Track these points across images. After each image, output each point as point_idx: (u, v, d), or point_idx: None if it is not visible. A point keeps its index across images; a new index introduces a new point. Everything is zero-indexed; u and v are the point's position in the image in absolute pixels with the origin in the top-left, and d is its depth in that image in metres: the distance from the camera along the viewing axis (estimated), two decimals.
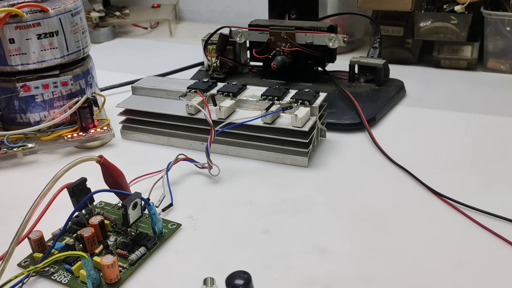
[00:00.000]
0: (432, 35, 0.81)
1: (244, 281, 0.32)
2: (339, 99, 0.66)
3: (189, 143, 0.59)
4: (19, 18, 0.57)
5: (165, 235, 0.43)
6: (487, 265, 0.39)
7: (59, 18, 0.59)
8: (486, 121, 0.63)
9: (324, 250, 0.41)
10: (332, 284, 0.38)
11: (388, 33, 0.83)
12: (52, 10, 0.59)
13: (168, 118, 0.59)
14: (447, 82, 0.77)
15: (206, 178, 0.53)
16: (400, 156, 0.54)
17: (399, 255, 0.40)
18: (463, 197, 0.46)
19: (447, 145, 0.57)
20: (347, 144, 0.58)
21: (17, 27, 0.57)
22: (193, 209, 0.47)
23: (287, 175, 0.53)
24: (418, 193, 0.48)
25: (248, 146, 0.56)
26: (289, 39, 0.68)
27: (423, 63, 0.85)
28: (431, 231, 0.43)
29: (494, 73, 0.79)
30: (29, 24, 0.57)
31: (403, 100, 0.70)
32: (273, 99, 0.55)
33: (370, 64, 0.70)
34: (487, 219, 0.43)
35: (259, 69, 0.76)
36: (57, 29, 0.59)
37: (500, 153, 0.55)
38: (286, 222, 0.45)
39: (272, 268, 0.39)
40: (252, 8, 0.97)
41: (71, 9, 0.61)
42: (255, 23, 0.71)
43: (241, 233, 0.44)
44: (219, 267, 0.40)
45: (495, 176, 0.51)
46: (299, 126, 0.52)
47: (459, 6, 0.77)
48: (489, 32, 0.77)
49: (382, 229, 0.43)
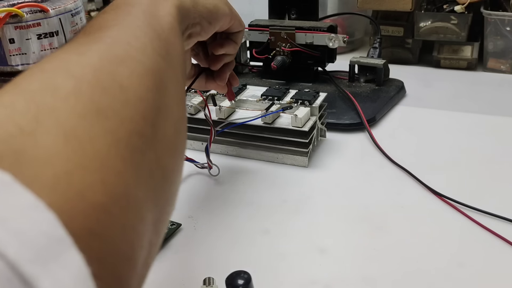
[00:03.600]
0: (432, 35, 0.81)
1: (244, 281, 0.32)
2: (339, 99, 0.66)
3: (189, 143, 0.59)
4: (19, 18, 0.57)
5: (165, 235, 0.43)
6: (487, 265, 0.39)
7: (59, 18, 0.59)
8: (486, 121, 0.63)
9: (324, 250, 0.41)
10: (332, 284, 0.37)
11: (388, 33, 0.83)
12: (52, 10, 0.59)
13: None
14: (447, 82, 0.77)
15: (206, 178, 0.53)
16: (400, 156, 0.54)
17: (399, 255, 0.40)
18: (463, 197, 0.46)
19: (447, 145, 0.57)
20: (347, 144, 0.58)
21: (17, 27, 0.57)
22: (193, 209, 0.47)
23: (287, 175, 0.53)
24: (418, 193, 0.48)
25: (248, 146, 0.56)
26: (289, 39, 0.68)
27: (423, 63, 0.85)
28: (431, 231, 0.43)
29: (494, 73, 0.79)
30: (29, 24, 0.57)
31: (403, 100, 0.70)
32: (273, 99, 0.55)
33: (370, 64, 0.69)
34: (487, 219, 0.43)
35: (259, 69, 0.76)
36: (57, 29, 0.59)
37: (500, 153, 0.55)
38: (286, 222, 0.45)
39: (272, 268, 0.39)
40: (252, 8, 0.97)
41: (71, 9, 0.61)
42: (255, 23, 0.71)
43: (241, 233, 0.44)
44: (219, 267, 0.39)
45: (495, 176, 0.51)
46: (299, 126, 0.52)
47: (459, 6, 0.77)
48: (489, 32, 0.77)
49: (382, 229, 0.43)
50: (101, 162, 0.18)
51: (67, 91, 0.19)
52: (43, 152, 0.17)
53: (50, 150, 0.17)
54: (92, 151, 0.18)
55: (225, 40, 0.45)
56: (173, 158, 0.25)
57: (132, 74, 0.23)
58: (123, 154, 0.19)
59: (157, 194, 0.22)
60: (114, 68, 0.22)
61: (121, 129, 0.20)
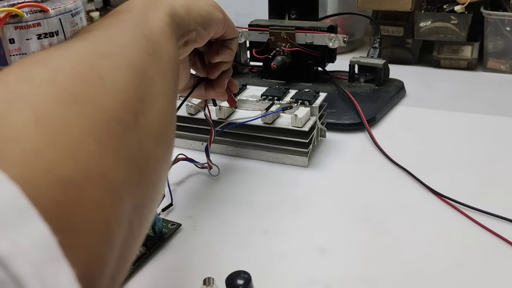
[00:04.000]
0: (432, 35, 0.81)
1: (244, 281, 0.32)
2: (339, 99, 0.66)
3: (189, 143, 0.59)
4: (19, 18, 0.57)
5: (165, 235, 0.43)
6: (487, 265, 0.39)
7: (59, 18, 0.59)
8: (486, 121, 0.63)
9: (324, 250, 0.41)
10: (332, 284, 0.38)
11: (388, 33, 0.83)
12: (52, 10, 0.59)
13: None
14: (447, 82, 0.77)
15: (206, 178, 0.53)
16: (400, 156, 0.54)
17: (399, 255, 0.40)
18: (463, 197, 0.46)
19: (447, 145, 0.57)
20: (347, 144, 0.58)
21: (17, 27, 0.57)
22: (193, 209, 0.47)
23: (287, 175, 0.53)
24: (418, 193, 0.48)
25: (248, 146, 0.56)
26: (289, 39, 0.68)
27: (423, 63, 0.85)
28: (431, 231, 0.43)
29: (494, 73, 0.79)
30: (29, 24, 0.57)
31: (403, 100, 0.70)
32: (273, 99, 0.55)
33: (370, 64, 0.69)
34: (487, 219, 0.43)
35: (259, 69, 0.76)
36: (57, 29, 0.59)
37: (500, 153, 0.55)
38: (286, 222, 0.45)
39: (272, 268, 0.39)
40: (252, 8, 0.97)
41: (71, 9, 0.61)
42: (255, 23, 0.71)
43: (241, 233, 0.44)
44: (219, 267, 0.39)
45: (495, 176, 0.51)
46: (299, 126, 0.52)
47: (459, 6, 0.77)
48: (489, 32, 0.77)
49: (382, 229, 0.43)
50: (72, 142, 0.18)
51: (42, 80, 0.20)
52: (11, 131, 0.17)
53: (19, 130, 0.17)
54: (64, 133, 0.18)
55: (221, 47, 0.45)
56: (158, 147, 0.25)
57: (113, 67, 0.24)
58: (99, 137, 0.20)
59: (140, 180, 0.23)
60: (94, 61, 0.23)
61: (98, 115, 0.20)
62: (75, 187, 0.18)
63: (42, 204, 0.16)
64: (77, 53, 0.23)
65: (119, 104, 0.22)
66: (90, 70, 0.22)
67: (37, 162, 0.17)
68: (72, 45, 0.24)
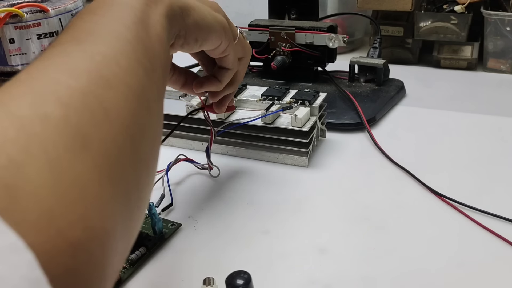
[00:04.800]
0: (432, 35, 0.81)
1: (244, 281, 0.32)
2: (339, 99, 0.66)
3: (189, 143, 0.59)
4: (19, 18, 0.57)
5: (165, 235, 0.43)
6: (487, 265, 0.39)
7: (59, 18, 0.59)
8: (486, 121, 0.63)
9: (324, 250, 0.41)
10: (332, 284, 0.38)
11: (388, 33, 0.83)
12: (52, 10, 0.59)
13: (168, 118, 0.59)
14: (447, 82, 0.77)
15: (206, 178, 0.53)
16: (400, 156, 0.54)
17: (399, 255, 0.40)
18: (463, 197, 0.46)
19: (447, 145, 0.57)
20: (347, 144, 0.58)
21: (17, 27, 0.57)
22: (193, 209, 0.47)
23: (287, 175, 0.53)
24: (418, 193, 0.48)
25: (248, 146, 0.56)
26: (289, 39, 0.68)
27: (423, 63, 0.85)
28: (431, 231, 0.43)
29: (494, 73, 0.79)
30: (29, 24, 0.57)
31: (403, 100, 0.70)
32: (273, 99, 0.55)
33: (370, 64, 0.70)
34: (487, 219, 0.43)
35: (259, 69, 0.76)
36: (57, 29, 0.59)
37: (500, 153, 0.55)
38: (286, 222, 0.45)
39: (272, 268, 0.39)
40: (252, 8, 0.97)
41: (71, 9, 0.61)
42: (255, 23, 0.71)
43: (241, 233, 0.44)
44: (219, 267, 0.39)
45: (495, 176, 0.51)
46: (299, 126, 0.52)
47: (459, 6, 0.77)
48: (489, 32, 0.77)
49: (382, 229, 0.43)
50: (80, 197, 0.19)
51: (57, 121, 0.20)
52: (31, 186, 0.17)
53: (37, 184, 0.17)
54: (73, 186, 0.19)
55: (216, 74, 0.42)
56: (147, 177, 0.26)
57: (118, 99, 0.23)
58: (102, 187, 0.20)
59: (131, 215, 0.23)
60: (101, 92, 0.23)
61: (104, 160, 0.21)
62: (83, 250, 0.18)
63: (53, 271, 0.16)
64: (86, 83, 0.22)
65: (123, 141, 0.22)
66: (98, 106, 0.22)
67: (51, 225, 0.17)
68: (78, 67, 0.23)
